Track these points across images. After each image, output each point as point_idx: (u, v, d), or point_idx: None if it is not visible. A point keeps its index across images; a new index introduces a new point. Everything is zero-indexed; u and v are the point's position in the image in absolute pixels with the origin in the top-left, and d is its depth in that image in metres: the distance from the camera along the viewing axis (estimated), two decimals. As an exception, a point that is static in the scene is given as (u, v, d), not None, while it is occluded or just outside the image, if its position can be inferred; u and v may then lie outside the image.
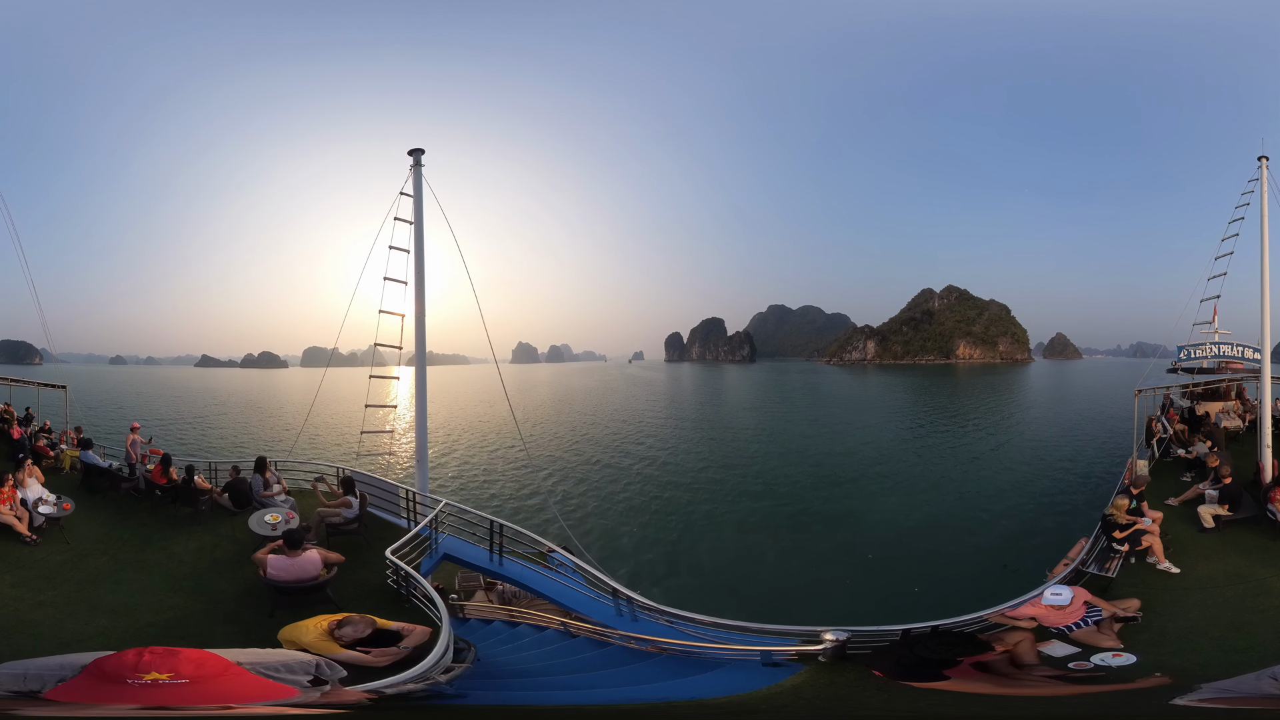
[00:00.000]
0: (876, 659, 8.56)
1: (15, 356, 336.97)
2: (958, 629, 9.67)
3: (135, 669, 5.54)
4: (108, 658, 5.75)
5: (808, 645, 8.58)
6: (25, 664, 5.89)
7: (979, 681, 8.10)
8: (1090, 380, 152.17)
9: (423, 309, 16.96)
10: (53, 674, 5.71)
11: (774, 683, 8.22)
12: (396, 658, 8.01)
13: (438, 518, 14.17)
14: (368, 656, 7.88)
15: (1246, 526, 13.70)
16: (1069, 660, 8.58)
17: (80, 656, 5.93)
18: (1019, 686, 8.23)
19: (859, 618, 11.02)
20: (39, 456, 17.30)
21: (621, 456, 48.82)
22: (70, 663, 5.84)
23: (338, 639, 8.09)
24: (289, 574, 10.51)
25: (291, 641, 8.05)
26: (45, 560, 12.13)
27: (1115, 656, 8.52)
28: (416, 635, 8.65)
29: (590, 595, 12.59)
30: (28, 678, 5.62)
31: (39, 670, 5.76)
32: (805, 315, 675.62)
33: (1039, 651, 8.87)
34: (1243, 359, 19.54)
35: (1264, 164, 16.97)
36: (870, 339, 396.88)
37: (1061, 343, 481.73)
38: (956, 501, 33.37)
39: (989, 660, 8.61)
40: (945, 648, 8.79)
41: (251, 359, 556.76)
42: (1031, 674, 8.43)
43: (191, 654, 5.98)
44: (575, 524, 27.74)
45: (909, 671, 8.16)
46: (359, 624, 8.33)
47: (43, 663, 5.90)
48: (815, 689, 8.02)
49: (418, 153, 17.17)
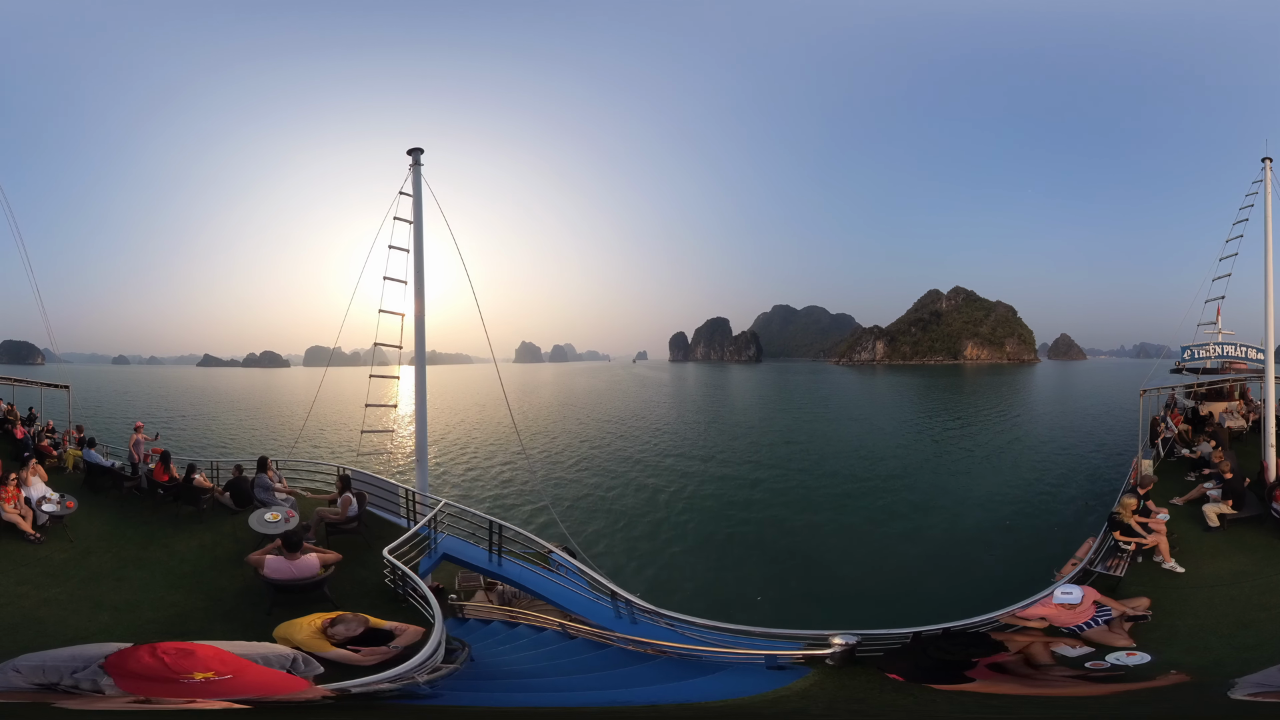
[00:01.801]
0: (890, 662, 8.50)
1: (18, 357, 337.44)
2: (969, 630, 9.64)
3: (173, 669, 5.76)
4: (123, 655, 5.90)
5: (814, 649, 8.48)
6: (41, 656, 6.04)
7: (1000, 683, 8.08)
8: (1095, 381, 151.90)
9: (422, 308, 16.97)
10: (66, 666, 5.81)
11: (779, 686, 8.11)
12: (385, 657, 8.03)
13: (437, 517, 14.15)
14: (356, 655, 7.92)
15: (1251, 525, 13.72)
16: (1085, 660, 8.57)
17: (89, 648, 6.08)
18: (1042, 687, 8.21)
19: (865, 620, 10.95)
20: (42, 456, 17.42)
21: (648, 472, 43.47)
22: (82, 654, 5.96)
23: (330, 637, 8.12)
24: (286, 574, 10.52)
25: (285, 639, 8.06)
26: (49, 558, 12.25)
27: (1130, 655, 8.53)
28: (409, 635, 8.67)
29: (589, 597, 12.54)
30: (45, 670, 5.78)
31: (54, 662, 5.88)
32: (810, 315, 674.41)
33: (1052, 652, 8.86)
34: (1246, 359, 19.47)
35: (1268, 165, 16.96)
36: (879, 339, 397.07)
37: (1066, 343, 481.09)
38: (962, 502, 33.28)
39: (1004, 661, 8.60)
40: (958, 649, 8.76)
41: (253, 358, 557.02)
42: (1050, 674, 8.41)
43: (207, 650, 6.17)
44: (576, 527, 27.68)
45: (928, 674, 8.12)
46: (351, 623, 8.36)
47: (56, 654, 6.05)
48: (827, 692, 7.90)
49: (416, 152, 17.18)
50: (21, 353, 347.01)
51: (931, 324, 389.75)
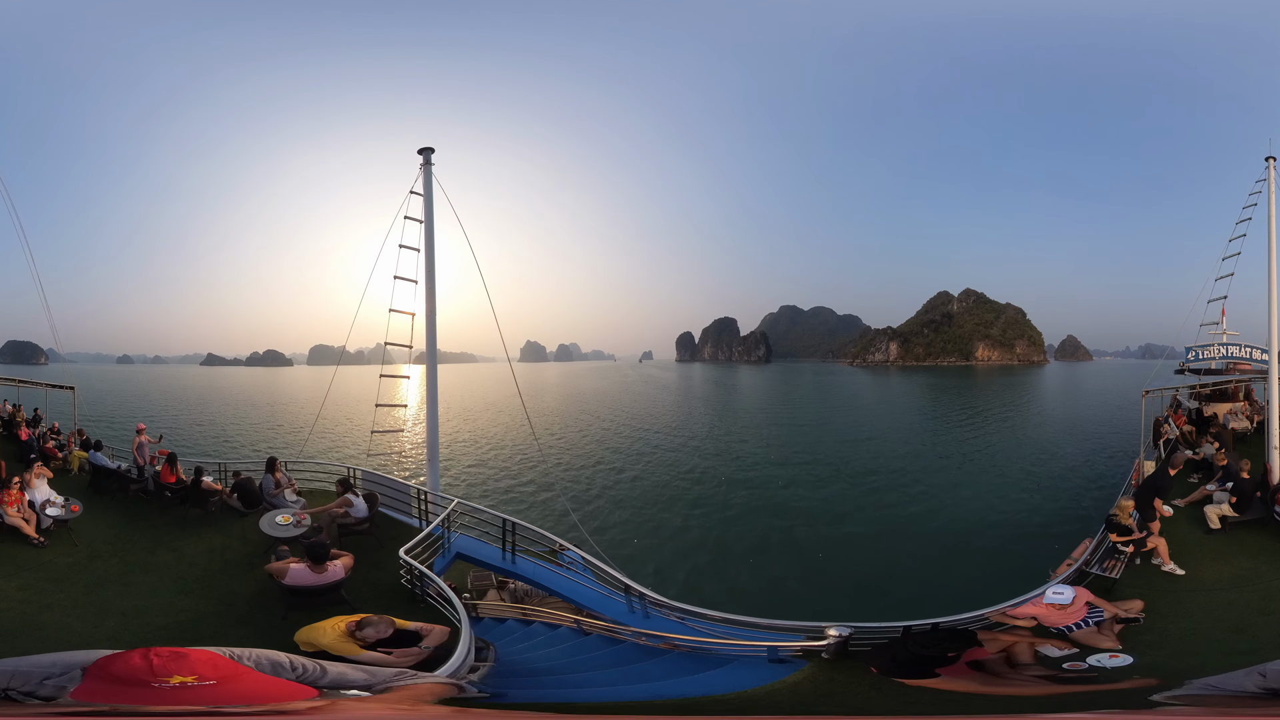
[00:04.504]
0: (873, 655, 8.67)
1: (21, 357, 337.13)
2: (959, 626, 9.65)
3: (155, 672, 5.28)
4: (112, 659, 5.45)
5: (812, 641, 8.75)
6: (14, 661, 5.42)
7: (966, 680, 8.12)
8: (1101, 382, 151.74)
9: (433, 308, 16.98)
10: (41, 673, 5.25)
11: (778, 679, 8.38)
12: (419, 658, 7.95)
13: (450, 516, 14.18)
14: (390, 657, 7.79)
15: (1254, 528, 13.57)
16: (1064, 660, 8.56)
17: (73, 655, 5.53)
18: (1002, 685, 8.22)
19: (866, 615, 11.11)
20: (47, 458, 17.27)
21: (678, 478, 40.59)
22: (62, 661, 5.45)
23: (359, 640, 8.00)
24: (309, 581, 10.37)
25: (310, 643, 7.96)
26: (53, 562, 11.99)
27: (1112, 658, 8.51)
28: (436, 635, 8.59)
29: (602, 592, 12.65)
30: (14, 675, 5.16)
31: (28, 668, 5.30)
32: (817, 316, 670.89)
33: (1036, 651, 8.86)
34: (1250, 360, 19.49)
35: (1271, 164, 16.90)
36: (893, 341, 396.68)
37: (1072, 344, 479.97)
38: (966, 502, 33.34)
39: (985, 659, 8.63)
40: (936, 644, 8.84)
41: (256, 357, 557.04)
42: (1023, 673, 8.42)
43: (202, 654, 5.77)
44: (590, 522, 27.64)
45: (903, 668, 8.22)
46: (379, 624, 8.24)
47: (33, 660, 5.45)
48: (814, 686, 8.14)
49: (428, 151, 17.18)
50: (25, 353, 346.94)
51: (943, 325, 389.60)
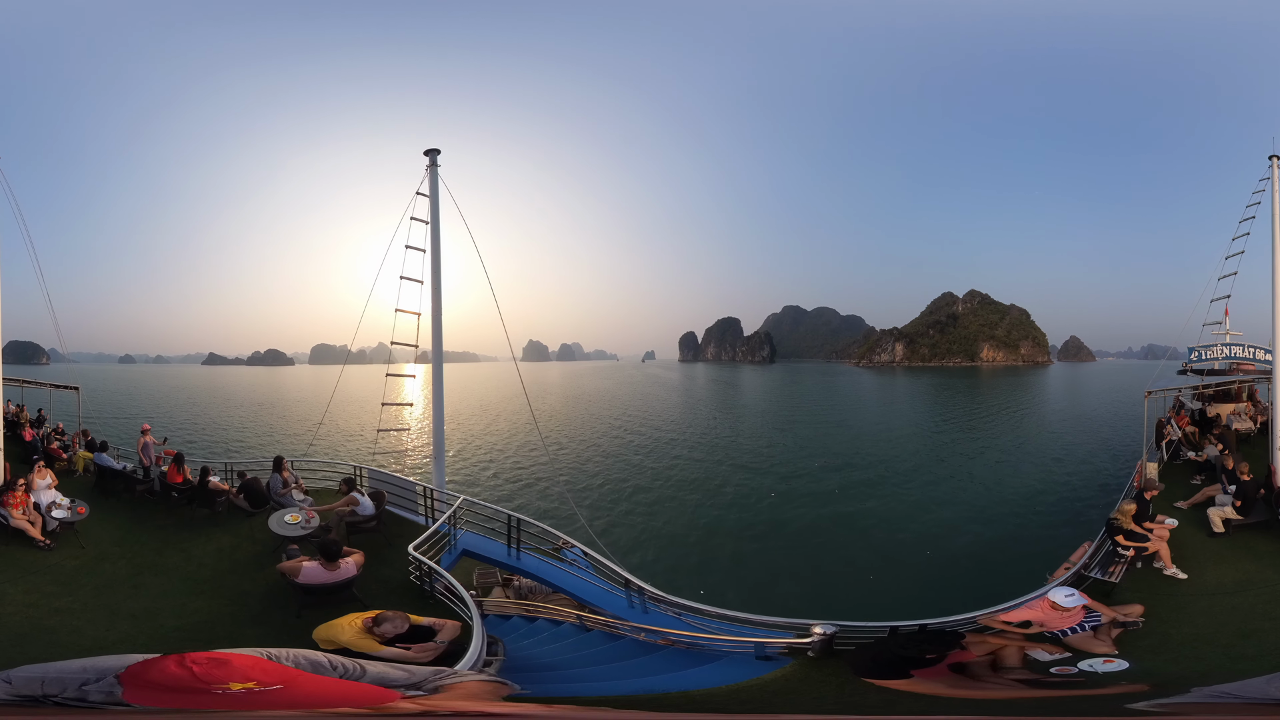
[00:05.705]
0: (854, 655, 8.78)
1: (22, 357, 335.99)
2: (947, 628, 9.61)
3: (201, 678, 5.21)
4: (146, 665, 5.40)
5: (799, 639, 9.02)
6: (44, 668, 5.43)
7: (937, 682, 8.09)
8: (1104, 382, 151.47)
9: (439, 308, 17.05)
10: (75, 678, 5.24)
11: (763, 674, 8.74)
12: (436, 653, 8.07)
13: (456, 514, 14.33)
14: (409, 653, 7.88)
15: (1258, 531, 13.44)
16: (1052, 665, 8.45)
17: (103, 661, 5.49)
18: (973, 690, 8.16)
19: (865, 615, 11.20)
20: (52, 459, 17.22)
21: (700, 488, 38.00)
22: (94, 666, 5.41)
23: (377, 635, 8.08)
24: (323, 580, 10.44)
25: (329, 640, 8.00)
26: (60, 565, 11.92)
27: (1106, 663, 8.38)
28: (449, 630, 8.73)
29: (604, 587, 12.93)
30: (46, 682, 5.18)
31: (59, 674, 5.30)
32: (820, 316, 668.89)
33: (1025, 655, 8.74)
34: (1254, 360, 19.42)
35: (1275, 163, 16.86)
36: (899, 341, 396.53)
37: (1076, 345, 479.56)
38: (968, 502, 33.33)
39: (968, 662, 8.56)
40: (915, 645, 8.87)
41: (258, 356, 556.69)
42: (1004, 678, 8.34)
43: (244, 659, 5.70)
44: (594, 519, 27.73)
45: (879, 669, 8.26)
46: (396, 620, 8.30)
47: (63, 666, 5.45)
48: (787, 684, 8.35)
49: (434, 153, 17.22)
50: (26, 353, 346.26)
51: (949, 326, 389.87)
